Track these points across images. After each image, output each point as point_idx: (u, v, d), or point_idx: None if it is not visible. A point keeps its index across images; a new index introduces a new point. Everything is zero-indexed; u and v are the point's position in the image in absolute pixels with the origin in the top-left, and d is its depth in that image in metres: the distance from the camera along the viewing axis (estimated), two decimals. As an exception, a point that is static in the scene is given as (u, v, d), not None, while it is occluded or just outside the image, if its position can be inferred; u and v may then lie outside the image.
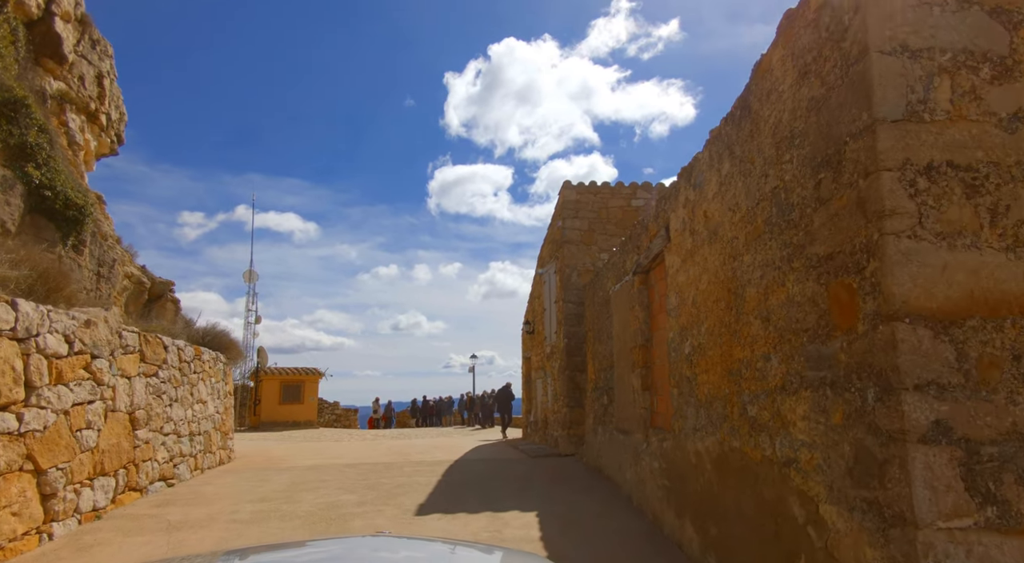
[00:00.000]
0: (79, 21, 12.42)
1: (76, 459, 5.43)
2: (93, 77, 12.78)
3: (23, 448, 4.75)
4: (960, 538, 2.18)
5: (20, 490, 4.70)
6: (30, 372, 4.85)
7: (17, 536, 4.62)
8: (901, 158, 2.39)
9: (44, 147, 9.88)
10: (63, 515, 5.21)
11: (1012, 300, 2.31)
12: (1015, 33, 2.48)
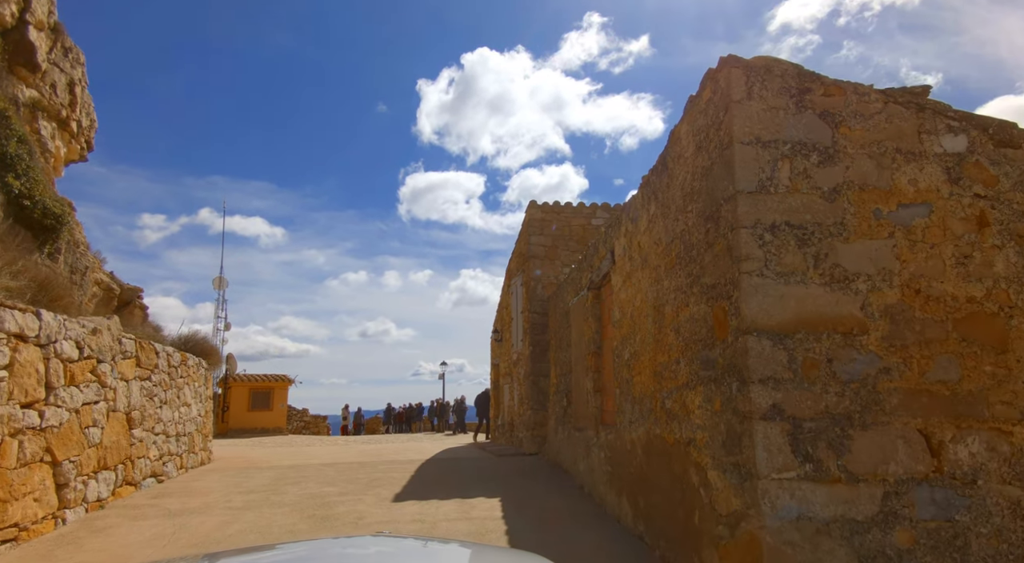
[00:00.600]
0: (52, 29, 12.76)
1: (84, 453, 6.02)
2: (65, 84, 13.12)
3: (43, 441, 5.35)
4: (787, 486, 3.15)
5: (40, 479, 5.30)
6: (50, 375, 5.46)
7: (38, 519, 5.22)
8: (754, 219, 3.38)
9: (24, 157, 10.28)
10: (74, 503, 5.79)
11: (827, 320, 3.31)
12: (836, 130, 3.51)
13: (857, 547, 3.10)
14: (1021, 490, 3.22)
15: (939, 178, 3.48)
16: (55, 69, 12.96)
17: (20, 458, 5.00)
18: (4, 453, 4.79)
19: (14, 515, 4.88)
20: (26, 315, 5.19)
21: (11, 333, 4.96)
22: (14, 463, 4.91)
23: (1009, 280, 3.41)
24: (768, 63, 3.53)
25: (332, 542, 1.75)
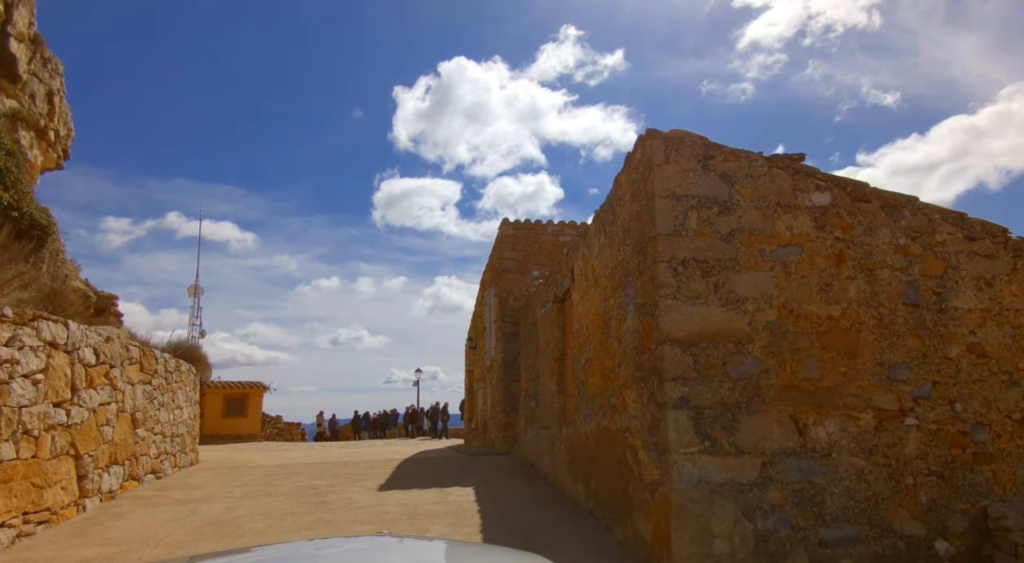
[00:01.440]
0: (32, 40, 13.22)
1: (100, 449, 6.71)
2: (44, 95, 13.57)
3: (69, 437, 6.05)
4: (691, 458, 4.17)
5: (66, 470, 5.99)
6: (74, 378, 6.17)
7: (64, 505, 5.91)
8: (670, 255, 4.43)
9: (12, 170, 10.81)
10: (91, 493, 6.47)
11: (723, 333, 4.36)
12: (732, 188, 4.60)
13: (742, 503, 4.14)
14: (864, 460, 4.32)
15: (808, 225, 4.60)
16: (35, 79, 13.42)
17: (52, 450, 5.71)
18: (41, 445, 5.50)
19: (47, 500, 5.58)
20: (57, 325, 5.91)
21: (46, 341, 5.68)
22: (48, 454, 5.62)
23: (859, 303, 4.54)
24: (681, 135, 4.61)
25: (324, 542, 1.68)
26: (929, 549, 4.24)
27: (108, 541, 5.12)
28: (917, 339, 4.53)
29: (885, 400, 4.41)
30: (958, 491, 4.35)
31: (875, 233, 4.65)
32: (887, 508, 4.26)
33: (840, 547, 4.16)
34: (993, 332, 4.60)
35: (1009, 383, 4.55)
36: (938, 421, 4.43)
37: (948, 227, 4.73)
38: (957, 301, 4.62)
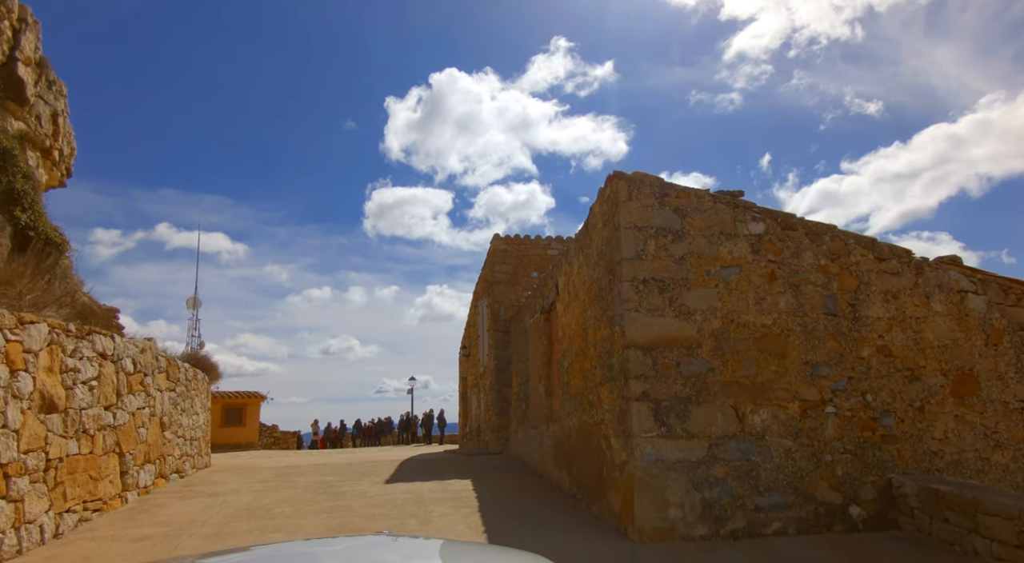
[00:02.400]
0: (37, 63, 14.04)
1: (137, 448, 7.53)
2: (49, 116, 14.37)
3: (115, 437, 6.88)
4: (650, 441, 5.12)
5: (113, 466, 6.82)
6: (119, 384, 7.01)
7: (111, 497, 6.72)
8: (632, 276, 5.40)
9: (29, 192, 11.62)
10: (131, 488, 7.28)
11: (677, 339, 5.33)
12: (684, 219, 5.59)
13: (692, 477, 5.10)
14: (791, 441, 5.29)
15: (746, 250, 5.60)
16: (40, 101, 14.24)
17: (103, 448, 6.54)
18: (95, 443, 6.34)
19: (100, 491, 6.40)
20: (106, 338, 6.76)
21: (98, 352, 6.53)
22: (100, 451, 6.45)
23: (788, 313, 5.53)
24: (642, 177, 5.60)
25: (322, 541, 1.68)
26: (844, 513, 5.22)
27: (159, 523, 5.96)
28: (835, 342, 5.53)
29: (809, 392, 5.40)
30: (868, 466, 5.33)
31: (801, 255, 5.66)
32: (810, 480, 5.24)
33: (771, 512, 5.12)
34: (898, 336, 5.62)
35: (911, 378, 5.56)
36: (852, 409, 5.42)
37: (861, 250, 5.76)
38: (868, 311, 5.64)
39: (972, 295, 5.78)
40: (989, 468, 5.46)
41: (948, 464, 5.42)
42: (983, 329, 5.72)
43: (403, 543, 1.70)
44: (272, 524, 5.87)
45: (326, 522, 5.85)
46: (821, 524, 5.17)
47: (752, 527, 5.07)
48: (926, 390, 5.54)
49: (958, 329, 5.69)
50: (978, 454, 5.47)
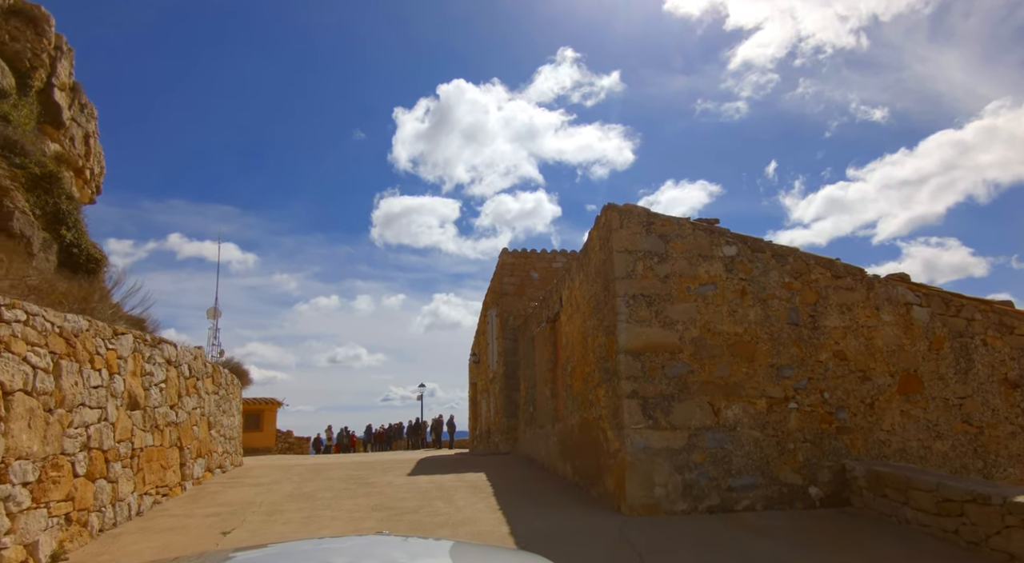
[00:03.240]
0: (71, 89, 15.24)
1: (192, 444, 8.56)
2: (81, 137, 15.56)
3: (177, 432, 7.91)
4: (639, 432, 6.08)
5: (175, 457, 7.85)
6: (180, 387, 8.06)
7: (174, 484, 7.74)
8: (624, 292, 6.39)
9: (72, 212, 12.76)
10: (187, 478, 8.30)
11: (662, 346, 6.31)
12: (667, 244, 6.58)
13: (674, 462, 6.05)
14: (759, 432, 6.24)
15: (721, 269, 6.59)
16: (74, 124, 15.46)
17: (169, 441, 7.57)
18: (164, 437, 7.37)
19: (166, 479, 7.43)
20: (169, 346, 7.82)
21: (166, 359, 7.58)
22: (167, 444, 7.48)
23: (757, 323, 6.50)
24: (631, 208, 6.61)
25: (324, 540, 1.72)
26: (805, 493, 6.16)
27: (220, 505, 6.97)
28: (797, 348, 6.49)
29: (775, 391, 6.36)
30: (825, 453, 6.27)
31: (768, 274, 6.64)
32: (775, 465, 6.18)
33: (742, 492, 6.07)
34: (852, 343, 6.57)
35: (863, 378, 6.51)
36: (812, 405, 6.37)
37: (820, 269, 6.73)
38: (826, 321, 6.60)
39: (917, 307, 6.73)
40: (931, 455, 6.38)
41: (894, 452, 6.35)
42: (926, 336, 6.66)
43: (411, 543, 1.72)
44: (317, 504, 6.87)
45: (365, 503, 6.84)
46: (784, 502, 6.11)
47: (725, 504, 6.01)
48: (876, 389, 6.49)
49: (904, 336, 6.64)
50: (921, 443, 6.40)
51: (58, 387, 4.95)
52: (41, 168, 12.38)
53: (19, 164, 11.91)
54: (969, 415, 6.48)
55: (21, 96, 13.25)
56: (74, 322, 5.31)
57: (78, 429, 5.27)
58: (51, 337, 4.90)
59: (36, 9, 13.95)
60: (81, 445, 5.31)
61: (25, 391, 4.50)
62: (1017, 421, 6.50)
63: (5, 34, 13.47)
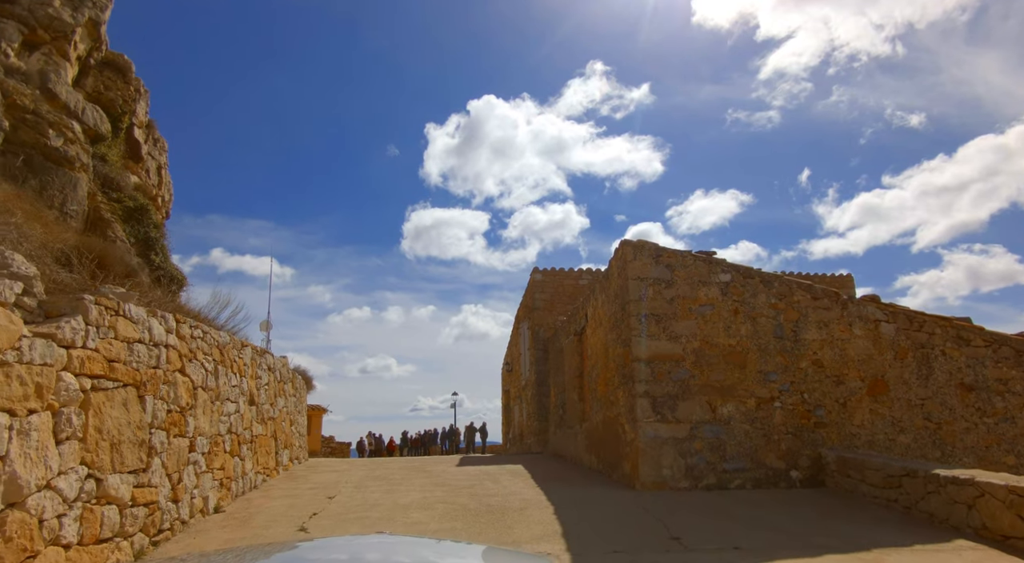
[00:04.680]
0: (147, 126, 17.52)
1: (282, 436, 10.38)
2: (155, 169, 17.80)
3: (273, 426, 9.74)
4: (650, 425, 7.59)
5: (272, 446, 9.66)
6: (275, 389, 9.90)
7: (272, 468, 9.55)
8: (637, 312, 7.94)
9: (158, 239, 14.88)
10: (279, 464, 10.11)
11: (668, 356, 7.82)
12: (673, 272, 8.12)
13: (678, 449, 7.53)
14: (749, 426, 7.67)
15: (717, 293, 8.07)
16: (149, 157, 17.77)
17: (269, 433, 9.39)
18: (267, 428, 9.19)
19: (268, 463, 9.23)
20: (270, 355, 9.67)
21: (267, 366, 9.43)
22: (268, 435, 9.30)
23: (748, 337, 7.95)
24: (643, 243, 8.17)
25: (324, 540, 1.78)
26: (787, 476, 7.55)
27: (314, 484, 8.72)
28: (782, 357, 7.91)
29: (762, 392, 7.79)
30: (804, 443, 7.66)
31: (757, 296, 8.10)
32: (762, 452, 7.59)
33: (734, 473, 7.50)
34: (828, 353, 7.96)
35: (837, 382, 7.88)
36: (793, 404, 7.77)
37: (801, 292, 8.15)
38: (806, 335, 8.00)
39: (884, 323, 8.07)
40: (895, 446, 7.70)
41: (864, 443, 7.69)
42: (893, 348, 8.00)
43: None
44: (391, 483, 8.54)
45: (427, 482, 8.49)
46: (770, 483, 7.51)
47: (721, 483, 7.46)
48: (848, 391, 7.85)
49: (873, 348, 7.99)
50: (887, 436, 7.72)
51: (216, 385, 6.77)
52: (133, 201, 14.57)
53: (116, 198, 14.15)
54: (929, 413, 7.79)
55: (113, 137, 15.58)
56: (223, 337, 7.15)
57: (225, 417, 7.08)
58: (213, 349, 6.74)
59: (121, 58, 16.35)
60: (227, 429, 7.12)
61: (202, 387, 6.32)
62: (971, 418, 7.78)
63: (100, 84, 15.87)
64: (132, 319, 4.79)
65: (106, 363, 4.35)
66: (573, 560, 4.44)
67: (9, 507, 3.33)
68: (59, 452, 3.78)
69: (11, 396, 3.36)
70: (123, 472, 4.55)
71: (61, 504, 3.78)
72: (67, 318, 3.94)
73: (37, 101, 11.84)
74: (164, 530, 5.23)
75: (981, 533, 5.02)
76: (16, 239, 4.80)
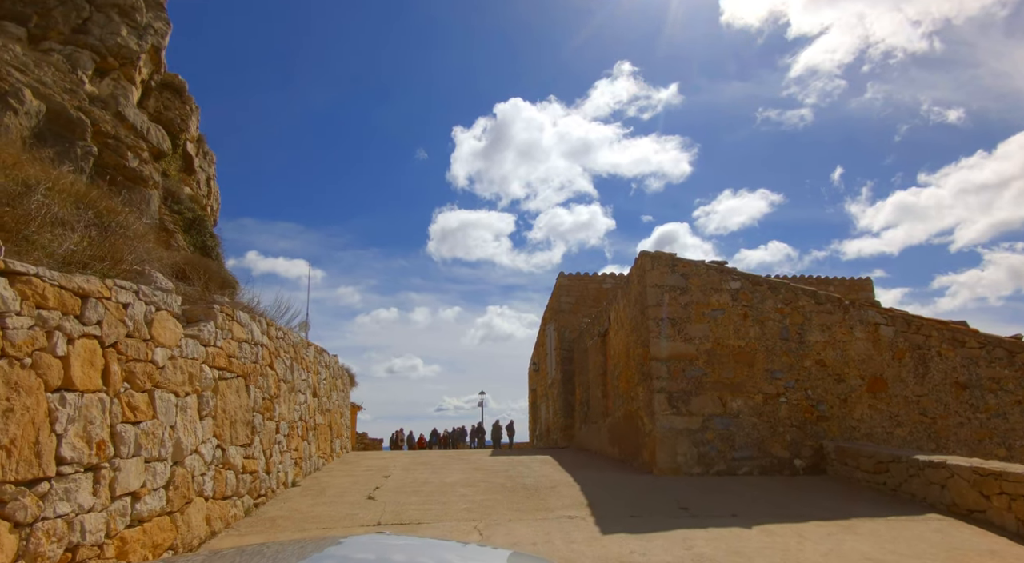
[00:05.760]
0: (197, 141, 19.01)
1: (335, 427, 11.59)
2: (205, 180, 19.29)
3: (328, 418, 10.95)
4: (666, 417, 8.51)
5: (328, 437, 10.87)
6: (330, 384, 11.12)
7: (328, 454, 10.76)
8: (655, 316, 8.86)
9: (214, 247, 16.29)
10: (332, 452, 11.33)
11: (683, 355, 8.72)
12: (688, 280, 9.01)
13: (692, 439, 8.42)
14: (756, 419, 8.51)
15: (728, 299, 8.93)
16: (200, 170, 19.27)
17: (326, 423, 10.59)
18: (325, 418, 10.39)
19: (323, 450, 10.44)
20: (327, 354, 10.90)
21: (324, 363, 10.64)
22: (325, 424, 10.50)
23: (756, 339, 8.79)
24: (660, 254, 9.08)
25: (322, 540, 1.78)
26: (791, 464, 8.37)
27: (366, 467, 9.87)
28: (787, 357, 8.73)
29: (769, 388, 8.62)
30: (807, 435, 8.47)
31: (764, 302, 8.93)
32: (768, 443, 8.43)
33: (742, 461, 8.36)
34: (830, 353, 8.75)
35: (838, 380, 8.66)
36: (797, 400, 8.59)
37: (806, 297, 8.95)
38: (810, 336, 8.80)
39: (884, 326, 8.82)
40: (892, 439, 8.44)
41: (863, 436, 8.46)
42: (891, 349, 8.75)
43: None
44: (434, 467, 9.63)
45: (467, 467, 9.56)
46: (775, 470, 8.35)
47: (730, 469, 8.33)
48: (848, 388, 8.63)
49: (873, 349, 8.75)
50: (884, 430, 8.48)
51: (292, 379, 7.96)
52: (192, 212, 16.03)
53: (177, 210, 15.61)
54: (925, 409, 8.52)
55: (172, 153, 17.10)
56: (295, 337, 8.35)
57: (297, 407, 8.27)
58: (290, 347, 7.93)
59: (176, 78, 17.90)
60: (299, 417, 8.31)
61: (283, 380, 7.50)
62: (965, 414, 8.48)
63: (161, 104, 17.44)
64: (241, 323, 5.97)
65: (227, 358, 5.52)
66: (596, 520, 5.43)
67: (176, 464, 4.50)
68: (201, 426, 4.95)
69: (176, 381, 4.52)
70: (237, 445, 5.73)
71: (203, 465, 4.95)
72: (204, 323, 5.11)
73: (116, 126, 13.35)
74: (262, 495, 6.40)
75: (951, 509, 5.83)
76: (150, 258, 6.02)
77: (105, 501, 3.57)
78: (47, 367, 3.17)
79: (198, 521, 4.79)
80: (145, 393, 4.07)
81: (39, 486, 3.08)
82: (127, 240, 5.45)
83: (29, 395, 3.04)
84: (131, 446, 3.86)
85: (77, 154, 12.10)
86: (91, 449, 3.46)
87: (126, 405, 3.83)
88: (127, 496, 3.82)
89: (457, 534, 5.14)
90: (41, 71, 12.96)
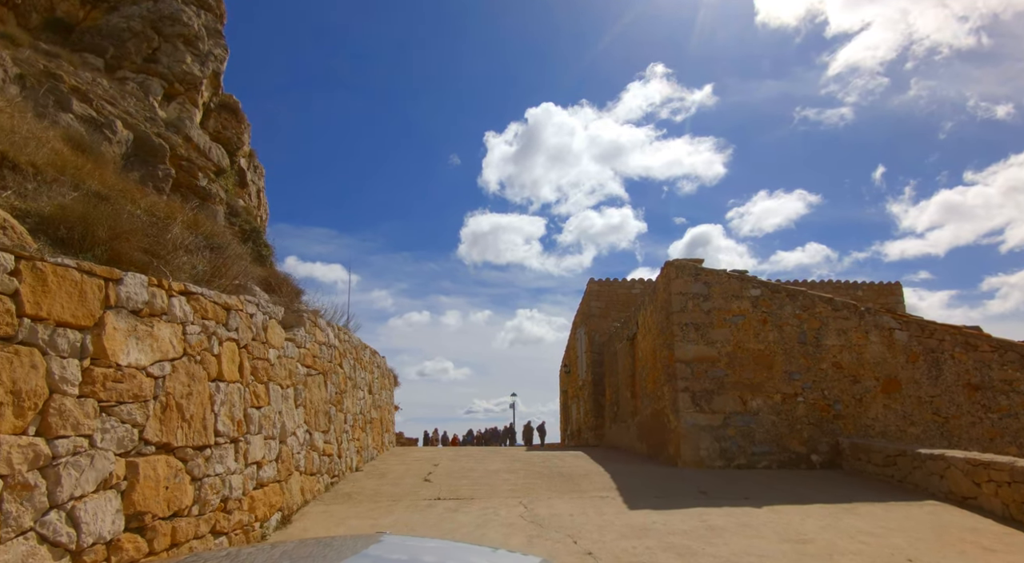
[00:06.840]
0: (248, 156, 20.45)
1: (385, 422, 12.70)
2: (255, 192, 20.71)
3: (380, 412, 12.05)
4: (690, 415, 9.26)
5: (380, 430, 11.97)
6: (381, 382, 12.22)
7: (380, 446, 11.85)
8: (679, 321, 9.63)
9: (268, 256, 17.62)
10: (383, 445, 12.42)
11: (706, 358, 9.47)
12: (710, 288, 9.76)
13: (714, 434, 9.16)
14: (775, 417, 9.19)
15: (748, 305, 9.65)
16: (251, 183, 20.73)
17: (379, 418, 11.69)
18: (377, 413, 11.49)
19: (376, 442, 11.53)
20: (380, 356, 12.02)
21: (376, 363, 11.75)
22: (377, 418, 11.60)
23: (774, 342, 9.47)
24: (684, 263, 9.85)
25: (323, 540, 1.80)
26: (808, 459, 9.02)
27: (415, 458, 10.90)
28: (804, 360, 9.38)
29: (787, 389, 9.29)
30: (824, 432, 9.09)
31: (783, 308, 9.60)
32: (787, 439, 9.10)
33: (762, 456, 9.04)
34: (846, 356, 9.35)
35: (854, 382, 9.26)
36: (814, 399, 9.23)
37: (823, 304, 9.58)
38: (827, 340, 9.43)
39: (898, 331, 9.38)
40: (905, 436, 9.00)
41: (877, 433, 9.04)
42: (905, 352, 9.30)
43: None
44: (477, 458, 10.59)
45: (507, 458, 10.49)
46: (792, 464, 9.00)
47: (750, 463, 9.02)
48: (864, 389, 9.22)
49: (887, 352, 9.32)
50: (898, 428, 9.04)
51: (354, 376, 9.05)
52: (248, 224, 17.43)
53: (235, 222, 17.03)
54: (938, 409, 9.05)
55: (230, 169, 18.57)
56: (356, 340, 9.45)
57: (358, 401, 9.35)
58: (353, 349, 9.02)
59: (231, 99, 19.43)
60: (359, 410, 9.39)
61: (349, 377, 8.59)
62: (977, 414, 8.98)
63: (219, 124, 18.96)
64: (321, 328, 7.05)
65: (312, 358, 6.60)
66: (625, 499, 6.29)
67: (281, 442, 5.56)
68: (296, 413, 6.02)
69: (281, 376, 5.60)
70: (319, 431, 6.80)
71: (298, 446, 6.02)
72: (297, 328, 6.19)
73: (188, 149, 14.85)
74: (336, 476, 7.47)
75: (948, 497, 6.46)
76: (247, 274, 7.16)
77: (242, 466, 4.64)
78: (208, 363, 4.24)
79: (296, 490, 5.85)
80: (263, 384, 5.15)
81: (205, 451, 4.14)
82: (231, 259, 6.59)
83: (199, 383, 4.10)
84: (256, 425, 4.93)
85: (159, 176, 13.57)
86: (233, 425, 4.52)
87: (252, 393, 4.90)
88: (254, 464, 4.89)
89: (505, 508, 6.07)
90: (126, 102, 14.55)
